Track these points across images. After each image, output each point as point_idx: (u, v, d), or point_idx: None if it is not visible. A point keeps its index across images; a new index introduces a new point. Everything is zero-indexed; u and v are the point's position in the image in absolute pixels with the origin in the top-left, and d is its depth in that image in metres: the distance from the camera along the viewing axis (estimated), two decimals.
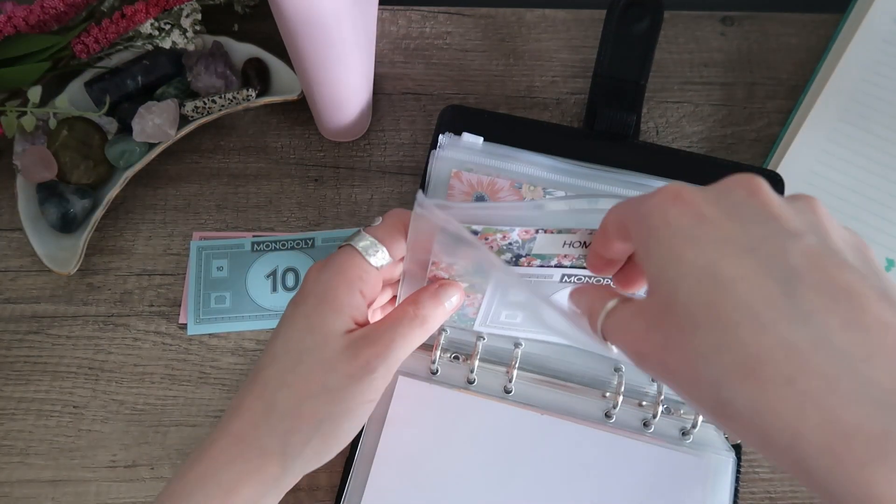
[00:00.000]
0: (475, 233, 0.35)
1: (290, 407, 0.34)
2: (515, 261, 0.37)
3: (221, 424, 0.35)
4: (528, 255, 0.37)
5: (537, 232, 0.36)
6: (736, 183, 0.26)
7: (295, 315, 0.35)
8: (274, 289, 0.48)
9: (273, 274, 0.48)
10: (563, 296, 0.37)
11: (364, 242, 0.36)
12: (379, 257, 0.36)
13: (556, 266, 0.37)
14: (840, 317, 0.22)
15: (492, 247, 0.36)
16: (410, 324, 0.35)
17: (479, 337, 0.44)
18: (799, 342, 0.22)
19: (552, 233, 0.36)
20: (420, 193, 0.33)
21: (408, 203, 0.50)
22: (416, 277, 0.38)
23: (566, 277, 0.37)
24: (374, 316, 0.40)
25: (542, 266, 0.38)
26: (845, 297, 0.23)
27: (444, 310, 0.37)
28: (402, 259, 0.37)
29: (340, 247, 0.37)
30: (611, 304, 0.30)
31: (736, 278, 0.23)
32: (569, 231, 0.36)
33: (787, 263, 0.23)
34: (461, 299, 0.38)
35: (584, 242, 0.36)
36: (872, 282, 0.23)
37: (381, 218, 0.37)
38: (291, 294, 0.48)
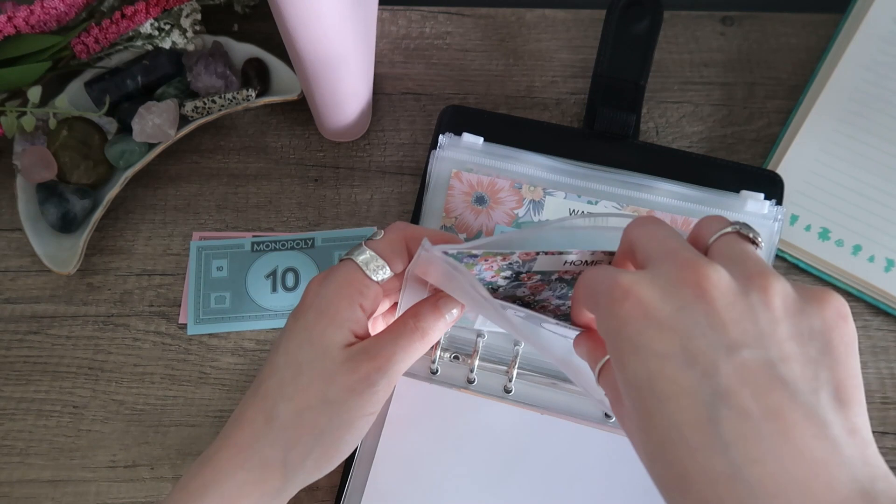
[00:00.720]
0: (474, 256, 0.35)
1: (291, 419, 0.34)
2: (516, 276, 0.37)
3: (223, 434, 0.35)
4: (529, 272, 0.37)
5: (538, 254, 0.37)
6: (686, 280, 0.26)
7: (295, 328, 0.35)
8: (274, 289, 0.48)
9: (273, 274, 0.48)
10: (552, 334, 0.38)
11: (364, 256, 0.36)
12: (380, 273, 0.36)
13: (557, 280, 0.37)
14: (756, 447, 0.23)
15: (492, 267, 0.36)
16: (411, 337, 0.35)
17: (480, 335, 0.44)
18: (717, 472, 0.23)
19: (553, 254, 0.36)
20: (426, 241, 0.33)
21: (408, 203, 0.50)
22: (417, 288, 0.38)
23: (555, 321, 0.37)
24: (375, 324, 0.40)
25: (541, 281, 0.38)
26: (768, 422, 0.23)
27: (444, 322, 0.37)
28: (403, 271, 0.37)
29: (341, 260, 0.37)
30: (604, 359, 0.32)
31: (671, 396, 0.24)
32: (569, 252, 0.36)
33: (717, 383, 0.24)
34: (461, 312, 0.37)
35: (586, 261, 0.36)
36: (804, 399, 0.23)
37: (382, 231, 0.37)
38: (291, 294, 0.48)
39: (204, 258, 0.49)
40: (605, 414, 0.43)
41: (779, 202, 0.46)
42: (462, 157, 0.46)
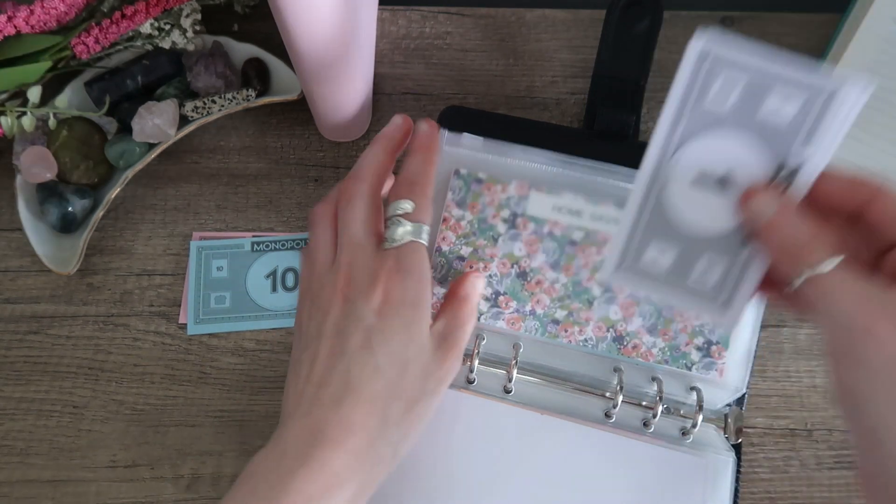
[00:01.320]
0: (479, 181, 0.42)
1: (402, 417, 0.35)
2: (513, 220, 0.43)
3: (331, 439, 0.33)
4: (524, 215, 0.43)
5: (530, 188, 0.43)
6: None
7: (394, 326, 0.35)
8: (274, 289, 0.48)
9: (273, 274, 0.48)
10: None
11: (426, 235, 0.37)
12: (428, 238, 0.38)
13: (548, 234, 0.39)
14: None
15: (493, 199, 0.42)
16: (471, 315, 0.39)
17: (479, 336, 0.44)
18: None
19: (542, 192, 0.42)
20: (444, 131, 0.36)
21: None
22: None
23: None
24: None
25: (535, 233, 0.42)
26: None
27: (478, 283, 0.40)
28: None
29: (406, 244, 0.36)
30: (835, 260, 0.27)
31: None
32: (557, 194, 0.41)
33: None
34: (482, 283, 0.41)
35: (571, 209, 0.40)
36: None
37: (407, 201, 0.37)
38: (291, 294, 0.48)
39: (204, 258, 0.49)
40: (605, 414, 0.43)
41: None
42: (462, 156, 0.46)
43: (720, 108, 0.30)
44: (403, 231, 0.36)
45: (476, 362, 0.44)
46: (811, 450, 0.45)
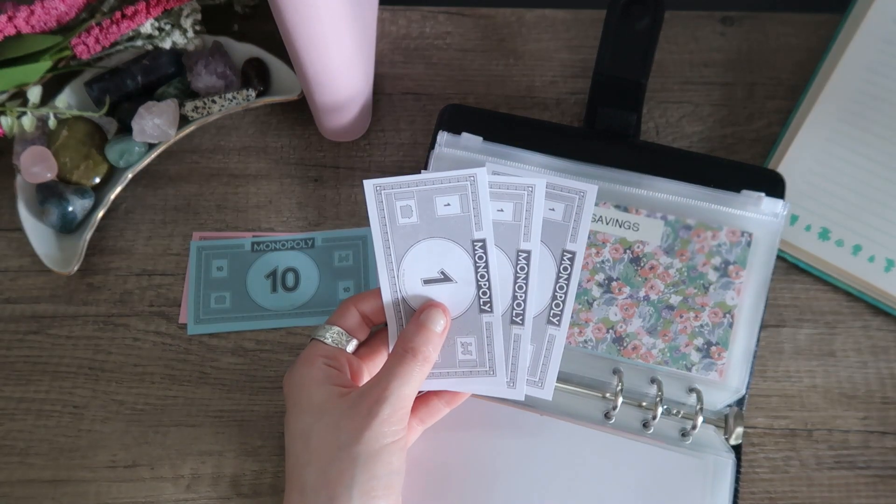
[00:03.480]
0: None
1: (318, 478, 0.34)
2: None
3: None
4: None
5: None
6: None
7: (287, 423, 0.36)
8: (274, 289, 0.48)
9: (273, 274, 0.48)
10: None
11: (326, 332, 0.37)
12: (345, 343, 0.37)
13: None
14: None
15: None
16: (401, 360, 0.35)
17: None
18: None
19: None
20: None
21: None
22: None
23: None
24: None
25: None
26: None
27: (432, 333, 0.36)
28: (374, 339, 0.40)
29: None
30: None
31: None
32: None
33: None
34: (447, 317, 0.37)
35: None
36: None
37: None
38: (291, 294, 0.48)
39: (204, 258, 0.49)
40: (605, 415, 0.43)
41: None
42: (461, 156, 0.46)
43: (409, 221, 0.37)
44: (314, 330, 0.40)
45: None
46: (811, 450, 0.45)
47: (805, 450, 0.45)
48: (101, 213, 0.47)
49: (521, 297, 0.37)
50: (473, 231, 0.37)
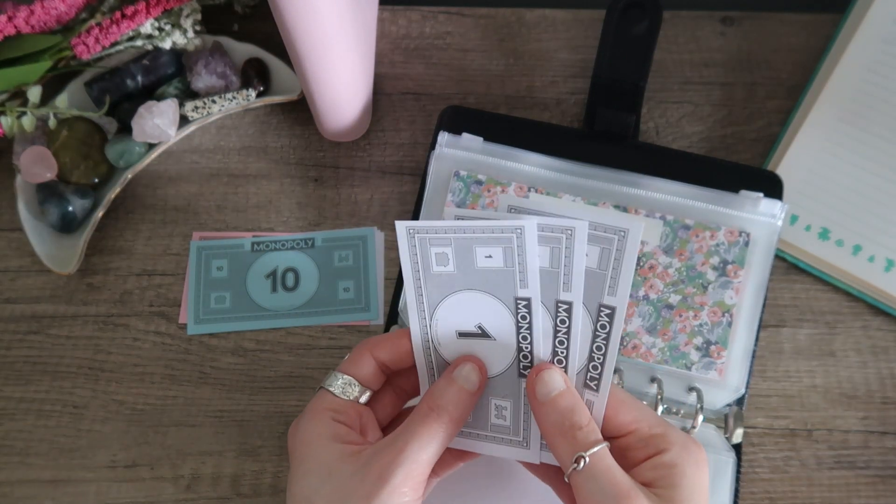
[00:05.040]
0: (479, 183, 0.44)
1: None
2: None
3: None
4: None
5: (529, 190, 0.44)
6: None
7: (291, 480, 0.32)
8: (274, 289, 0.48)
9: (273, 274, 0.48)
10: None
11: (336, 382, 0.33)
12: (357, 394, 0.33)
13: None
14: None
15: (492, 201, 0.42)
16: (424, 420, 0.31)
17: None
18: None
19: (541, 193, 0.44)
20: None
21: (408, 203, 0.50)
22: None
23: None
24: None
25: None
26: None
27: (464, 392, 0.33)
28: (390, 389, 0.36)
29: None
30: (604, 445, 0.30)
31: None
32: (556, 196, 0.43)
33: None
34: (482, 375, 0.34)
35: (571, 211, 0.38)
36: None
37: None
38: (291, 294, 0.48)
39: (204, 258, 0.49)
40: None
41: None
42: (462, 156, 0.46)
43: (445, 269, 0.33)
44: (324, 379, 0.35)
45: None
46: (811, 450, 0.45)
47: (805, 450, 0.45)
48: (100, 213, 0.47)
49: (561, 353, 0.33)
50: (517, 288, 0.32)
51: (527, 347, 0.33)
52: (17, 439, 0.45)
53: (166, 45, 0.49)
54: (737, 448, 0.43)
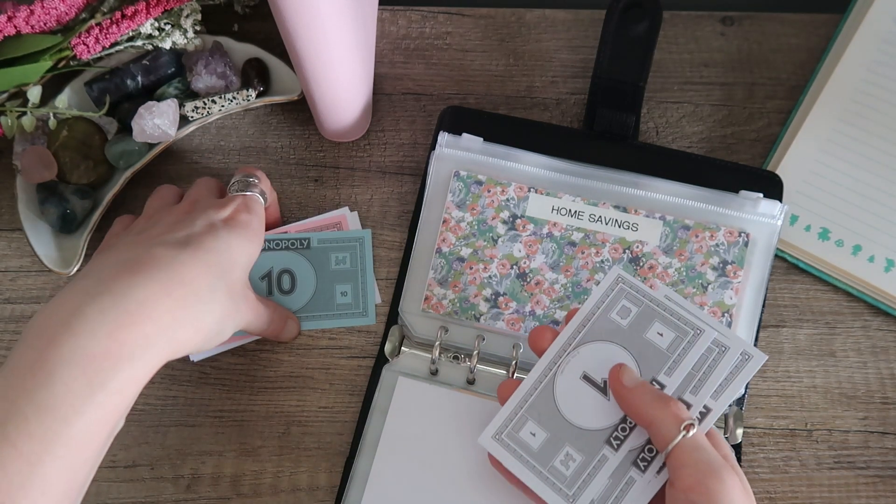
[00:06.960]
0: (479, 183, 0.45)
1: (222, 301, 0.38)
2: (513, 221, 0.45)
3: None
4: (523, 216, 0.45)
5: (529, 190, 0.45)
6: None
7: (237, 233, 0.40)
8: (270, 292, 0.48)
9: (268, 276, 0.48)
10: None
11: (264, 197, 0.44)
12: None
13: (547, 235, 0.42)
14: None
15: (493, 201, 0.45)
16: None
17: (480, 337, 0.44)
18: None
19: (541, 193, 0.45)
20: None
21: (408, 203, 0.50)
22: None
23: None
24: None
25: (534, 234, 0.44)
26: None
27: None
28: None
29: (252, 194, 0.43)
30: (692, 431, 0.32)
31: None
32: (556, 196, 0.45)
33: None
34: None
35: (570, 210, 0.43)
36: None
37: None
38: (287, 297, 0.47)
39: None
40: None
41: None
42: (462, 157, 0.46)
43: (620, 321, 0.37)
44: (250, 184, 0.43)
45: (476, 362, 0.44)
46: (811, 450, 0.45)
47: (805, 450, 0.45)
48: (100, 213, 0.47)
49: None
50: (661, 372, 0.35)
51: (629, 425, 0.35)
52: None
53: (166, 45, 0.49)
54: (737, 448, 0.43)
